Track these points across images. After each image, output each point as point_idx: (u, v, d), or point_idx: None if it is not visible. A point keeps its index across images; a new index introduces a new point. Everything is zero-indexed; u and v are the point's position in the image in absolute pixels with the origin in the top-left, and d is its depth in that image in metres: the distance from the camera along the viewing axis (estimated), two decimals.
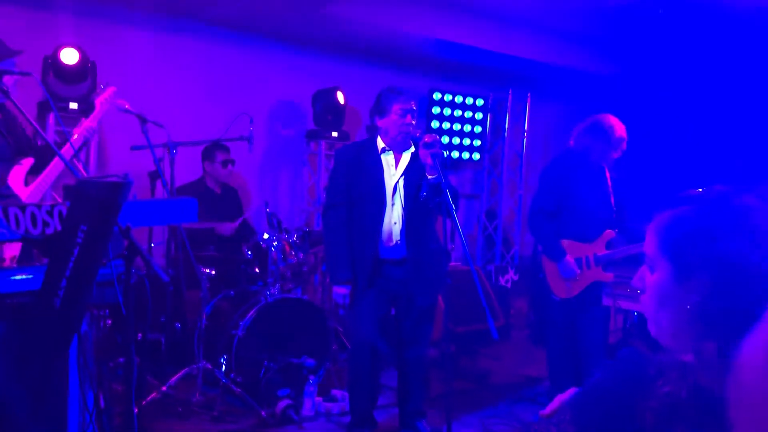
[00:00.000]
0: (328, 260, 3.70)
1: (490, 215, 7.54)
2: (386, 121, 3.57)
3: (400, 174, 3.60)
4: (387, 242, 3.59)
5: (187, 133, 4.96)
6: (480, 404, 4.49)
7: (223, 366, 4.15)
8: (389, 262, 3.62)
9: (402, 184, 3.59)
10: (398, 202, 3.58)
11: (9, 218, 1.99)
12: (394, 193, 3.59)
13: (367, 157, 3.61)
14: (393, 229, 3.58)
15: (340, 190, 3.62)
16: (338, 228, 3.60)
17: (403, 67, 6.82)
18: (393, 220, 3.58)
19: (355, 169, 3.60)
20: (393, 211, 3.58)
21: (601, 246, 4.25)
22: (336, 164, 3.71)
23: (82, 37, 4.94)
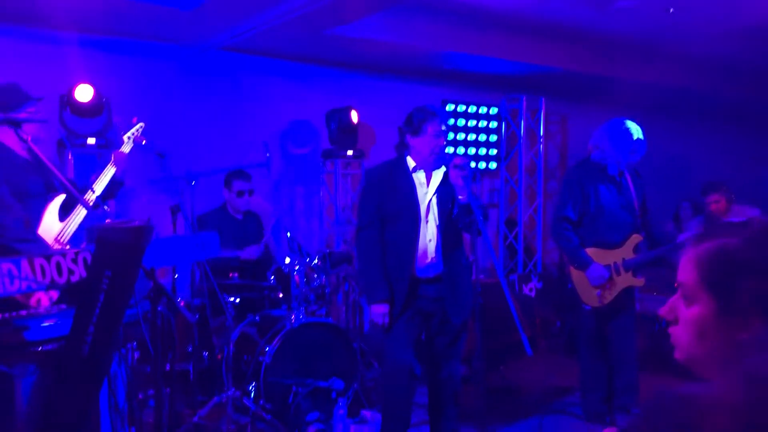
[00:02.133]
0: (364, 281, 3.70)
1: (510, 224, 7.49)
2: (419, 141, 3.59)
3: (433, 192, 3.63)
4: (422, 260, 3.60)
5: (207, 161, 5.00)
6: (511, 418, 4.44)
7: (252, 393, 4.15)
8: (424, 281, 3.63)
9: (435, 201, 3.62)
10: (432, 219, 3.61)
11: (35, 269, 2.01)
12: (428, 211, 3.61)
13: (398, 176, 3.64)
14: (428, 246, 3.60)
15: (372, 211, 3.64)
16: (372, 248, 3.61)
17: (415, 80, 6.83)
18: (428, 237, 3.61)
19: (386, 188, 3.62)
20: (428, 228, 3.61)
21: (629, 251, 4.22)
22: (366, 185, 3.73)
23: (96, 72, 5.00)
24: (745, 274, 1.02)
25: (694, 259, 1.09)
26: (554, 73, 6.84)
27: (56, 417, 2.16)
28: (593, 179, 4.23)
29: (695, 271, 1.08)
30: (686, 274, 1.10)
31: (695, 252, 1.09)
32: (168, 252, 2.43)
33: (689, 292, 1.09)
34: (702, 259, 1.08)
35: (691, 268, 1.09)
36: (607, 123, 4.28)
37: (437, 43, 5.87)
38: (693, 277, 1.08)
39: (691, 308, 1.09)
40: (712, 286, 1.06)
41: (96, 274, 2.03)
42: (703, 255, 1.08)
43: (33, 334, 2.22)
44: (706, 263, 1.07)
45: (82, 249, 2.15)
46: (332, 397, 4.21)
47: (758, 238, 1.05)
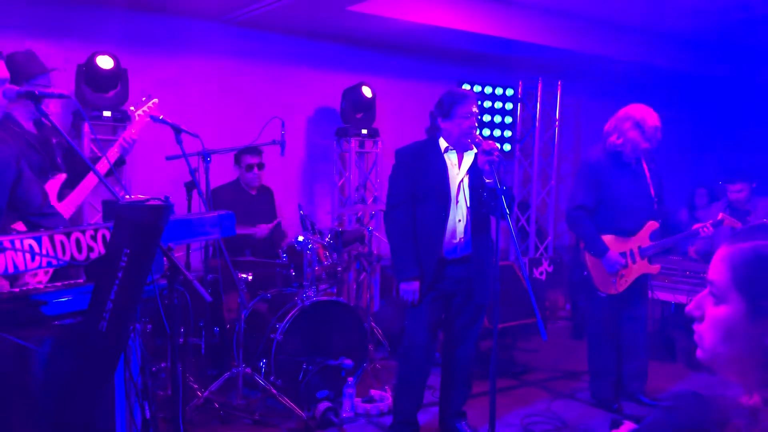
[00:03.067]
0: (395, 258, 3.70)
1: (522, 206, 7.47)
2: (450, 124, 3.62)
3: (465, 173, 3.65)
4: (451, 240, 3.63)
5: (222, 140, 4.99)
6: (519, 402, 4.47)
7: (262, 369, 4.19)
8: (451, 262, 3.66)
9: (466, 183, 3.64)
10: (462, 200, 3.64)
11: (55, 246, 2.02)
12: (459, 192, 3.63)
13: (430, 157, 3.66)
14: (457, 227, 3.64)
15: (402, 190, 3.65)
16: (403, 226, 3.63)
17: (432, 60, 6.77)
18: (458, 217, 3.64)
19: (418, 168, 3.64)
20: (458, 209, 3.63)
21: (645, 238, 4.20)
22: (397, 164, 3.74)
23: (110, 44, 4.99)
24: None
25: (727, 259, 1.08)
26: (571, 56, 6.76)
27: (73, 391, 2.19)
28: (609, 166, 4.20)
29: (728, 271, 1.07)
30: (718, 273, 1.09)
31: (729, 251, 1.08)
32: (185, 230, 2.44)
33: (719, 292, 1.08)
34: (736, 260, 1.07)
35: (723, 267, 1.08)
36: (625, 108, 4.24)
37: (456, 23, 5.80)
38: (725, 276, 1.07)
39: (719, 307, 1.08)
40: (743, 288, 1.05)
41: (115, 252, 2.04)
42: (737, 255, 1.07)
43: (51, 309, 2.23)
44: (740, 264, 1.06)
45: (102, 226, 2.16)
46: (342, 376, 4.25)
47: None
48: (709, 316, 1.11)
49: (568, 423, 4.16)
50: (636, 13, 6.22)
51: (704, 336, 1.12)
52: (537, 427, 4.09)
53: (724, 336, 1.07)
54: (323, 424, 3.93)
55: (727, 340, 1.06)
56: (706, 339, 1.12)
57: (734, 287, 1.06)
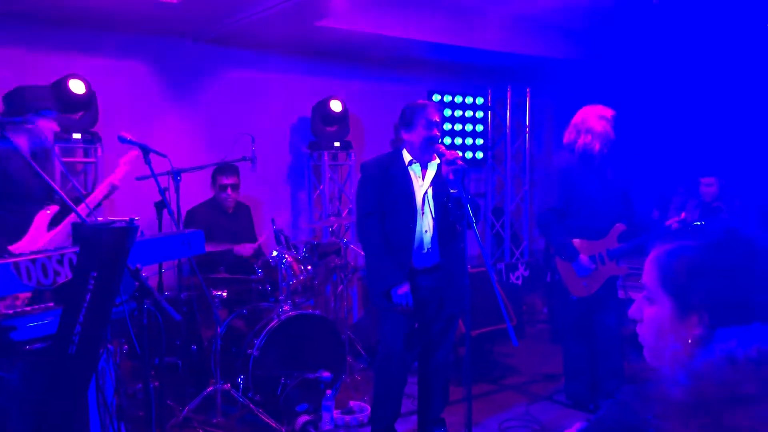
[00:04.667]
0: (374, 270, 3.71)
1: (497, 212, 7.55)
2: (412, 135, 3.67)
3: (428, 184, 3.70)
4: (419, 250, 3.69)
5: (195, 158, 5.00)
6: (497, 406, 4.52)
7: (240, 386, 4.20)
8: (421, 272, 3.70)
9: (431, 194, 3.69)
10: (428, 211, 3.68)
11: (20, 271, 2.04)
12: (424, 203, 3.68)
13: (394, 170, 3.71)
14: (424, 238, 3.68)
15: (372, 200, 3.69)
16: (376, 235, 3.66)
17: (401, 71, 6.84)
18: (424, 228, 3.68)
19: (383, 182, 3.69)
20: (424, 220, 3.68)
21: (612, 240, 4.28)
22: (363, 178, 3.79)
23: (82, 66, 4.99)
24: (701, 277, 1.07)
25: (655, 261, 1.14)
26: (539, 62, 6.87)
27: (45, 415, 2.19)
28: (576, 169, 4.28)
29: (656, 273, 1.13)
30: (648, 275, 1.15)
31: (657, 254, 1.14)
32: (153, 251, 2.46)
33: (650, 293, 1.14)
34: (662, 261, 1.13)
35: (652, 269, 1.14)
36: (580, 110, 4.33)
37: (424, 34, 5.88)
38: (654, 278, 1.13)
39: (652, 308, 1.14)
40: (669, 288, 1.11)
41: (81, 275, 2.06)
42: (663, 257, 1.13)
43: (20, 334, 2.25)
44: (665, 265, 1.12)
45: (68, 250, 2.17)
46: (320, 388, 4.27)
47: (715, 241, 1.09)
48: (645, 317, 1.16)
49: (545, 425, 4.21)
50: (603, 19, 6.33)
51: (644, 336, 1.18)
52: (515, 430, 4.14)
53: (657, 334, 1.13)
54: None
55: (660, 338, 1.12)
56: (646, 339, 1.17)
57: (662, 288, 1.12)
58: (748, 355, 0.86)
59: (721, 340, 0.91)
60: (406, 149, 3.73)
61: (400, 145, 3.77)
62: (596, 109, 4.27)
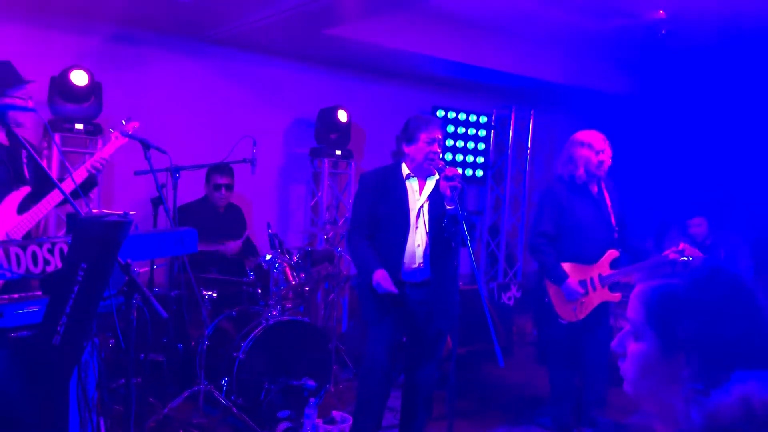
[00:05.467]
0: (360, 267, 3.72)
1: (493, 231, 7.55)
2: (413, 149, 3.66)
3: (425, 199, 3.70)
4: (410, 264, 3.66)
5: (193, 155, 5.01)
6: (480, 426, 4.50)
7: (224, 388, 4.17)
8: (410, 285, 3.68)
9: (426, 208, 3.68)
10: (422, 225, 3.67)
11: (10, 257, 2.03)
12: (418, 217, 3.68)
13: (392, 182, 3.71)
14: (416, 252, 3.67)
15: (364, 214, 3.70)
16: (362, 243, 3.67)
17: (408, 85, 6.86)
18: (416, 242, 3.67)
19: (379, 193, 3.69)
20: (417, 234, 3.67)
21: (605, 266, 4.27)
22: (360, 189, 3.80)
23: (86, 57, 5.00)
24: (688, 316, 1.06)
25: (641, 297, 1.13)
26: (545, 85, 6.90)
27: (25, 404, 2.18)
28: (569, 194, 4.28)
29: (642, 310, 1.12)
30: (634, 311, 1.14)
31: (642, 290, 1.13)
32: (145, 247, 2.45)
33: (636, 329, 1.13)
34: (648, 298, 1.12)
35: (637, 305, 1.13)
36: (572, 136, 4.34)
37: (432, 50, 5.91)
38: (639, 314, 1.12)
39: (637, 344, 1.13)
40: (655, 325, 1.10)
41: (71, 266, 2.05)
42: (648, 294, 1.12)
43: (6, 321, 2.23)
44: (652, 302, 1.11)
45: (59, 240, 2.17)
46: (304, 396, 4.24)
47: (701, 280, 1.09)
48: (630, 352, 1.15)
49: None
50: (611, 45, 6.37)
51: (627, 372, 1.17)
52: None
53: (642, 371, 1.12)
54: None
55: (645, 376, 1.11)
56: (629, 374, 1.16)
57: (648, 325, 1.11)
58: (764, 399, 0.86)
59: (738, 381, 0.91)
60: (406, 162, 3.73)
61: (401, 158, 3.78)
62: (588, 135, 4.26)
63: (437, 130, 3.65)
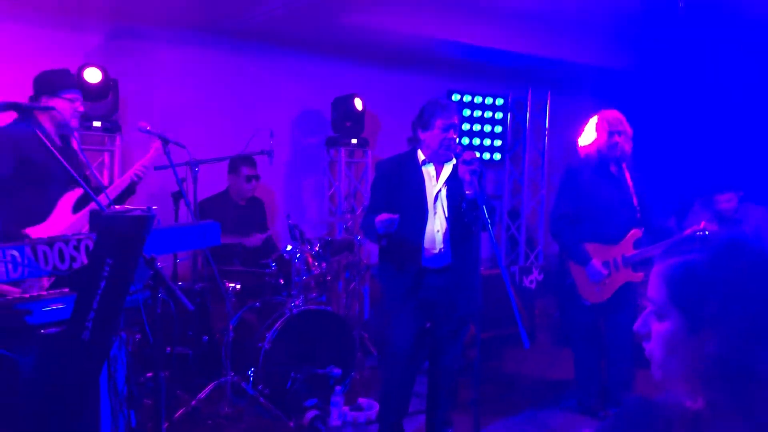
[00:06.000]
0: (367, 233, 3.71)
1: (513, 215, 7.51)
2: (429, 135, 3.65)
3: (442, 184, 3.68)
4: (430, 250, 3.66)
5: (210, 148, 5.02)
6: (506, 411, 4.49)
7: (250, 378, 4.21)
8: (431, 271, 3.68)
9: (444, 193, 3.67)
10: (440, 210, 3.66)
11: (38, 255, 2.05)
12: (436, 202, 3.66)
13: (408, 169, 3.70)
14: (436, 237, 3.66)
15: (380, 201, 3.70)
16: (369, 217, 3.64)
17: (421, 70, 6.82)
18: (436, 228, 3.66)
19: (395, 180, 3.69)
20: (435, 219, 3.66)
21: (628, 246, 4.24)
22: (377, 177, 3.81)
23: (102, 55, 5.02)
24: (712, 291, 1.05)
25: (662, 276, 1.11)
26: (561, 65, 6.82)
27: (57, 400, 2.21)
28: (590, 175, 4.25)
29: (664, 288, 1.10)
30: (656, 291, 1.12)
31: (663, 269, 1.11)
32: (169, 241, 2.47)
33: (659, 309, 1.11)
34: (669, 276, 1.10)
35: (659, 284, 1.11)
36: (594, 116, 4.31)
37: (445, 33, 5.86)
38: (662, 293, 1.10)
39: (662, 324, 1.11)
40: (679, 303, 1.08)
41: (97, 262, 2.07)
42: (669, 272, 1.10)
43: (35, 318, 2.26)
44: (673, 280, 1.09)
45: (84, 236, 2.19)
46: (330, 384, 4.27)
47: (722, 254, 1.07)
48: (654, 333, 1.13)
49: (554, 431, 4.18)
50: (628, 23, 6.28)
51: (653, 353, 1.15)
52: None
53: (669, 351, 1.10)
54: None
55: (673, 355, 1.09)
56: (655, 356, 1.15)
57: (672, 303, 1.09)
58: None
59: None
60: (422, 149, 3.72)
61: (417, 144, 3.76)
62: (607, 116, 4.22)
63: (453, 115, 3.63)
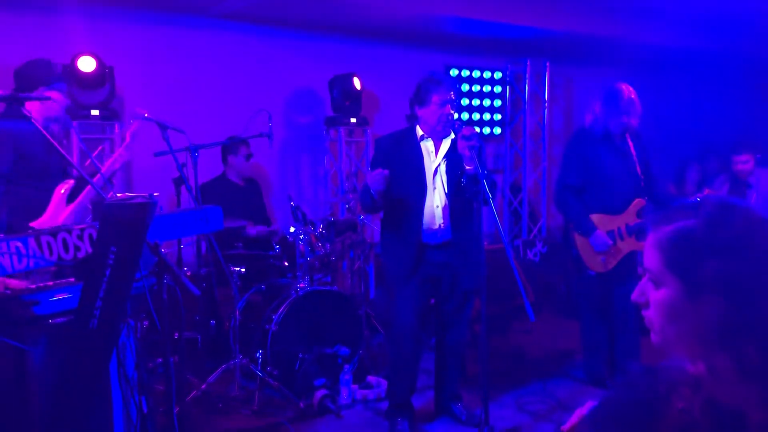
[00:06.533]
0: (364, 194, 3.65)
1: (515, 189, 7.50)
2: (426, 111, 3.64)
3: (441, 159, 3.68)
4: (430, 226, 3.66)
5: (209, 130, 5.01)
6: (514, 383, 4.52)
7: (259, 360, 4.23)
8: (432, 247, 3.69)
9: (443, 169, 3.67)
10: (440, 186, 3.66)
11: (42, 246, 2.05)
12: (435, 177, 3.66)
13: (406, 145, 3.70)
14: (436, 213, 3.66)
15: None
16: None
17: (418, 46, 6.76)
18: (435, 203, 3.66)
19: (394, 157, 3.68)
20: (435, 194, 3.67)
21: (632, 215, 4.24)
22: (375, 153, 3.82)
23: (98, 42, 4.98)
24: (708, 255, 1.05)
25: (656, 244, 1.11)
26: (559, 36, 6.76)
27: (67, 389, 2.23)
28: (594, 146, 4.25)
29: (659, 256, 1.10)
30: (650, 259, 1.12)
31: (656, 237, 1.11)
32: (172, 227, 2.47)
33: (656, 277, 1.11)
34: (663, 243, 1.10)
35: (654, 252, 1.11)
36: (601, 89, 4.29)
37: (441, 8, 5.81)
38: (657, 261, 1.10)
39: (659, 291, 1.11)
40: (675, 269, 1.08)
41: (102, 251, 2.07)
42: (664, 239, 1.10)
43: (43, 308, 2.27)
44: (668, 247, 1.09)
45: (88, 226, 2.19)
46: (338, 363, 4.30)
47: (716, 217, 1.06)
48: (652, 301, 1.13)
49: (562, 401, 4.22)
50: None
51: (653, 321, 1.15)
52: (532, 406, 4.15)
53: (669, 318, 1.10)
54: (321, 412, 3.98)
55: (672, 322, 1.09)
56: (655, 324, 1.15)
57: (668, 270, 1.09)
58: None
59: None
60: (420, 125, 3.70)
61: (415, 121, 3.75)
62: (614, 90, 4.20)
63: (449, 90, 3.61)
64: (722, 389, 1.00)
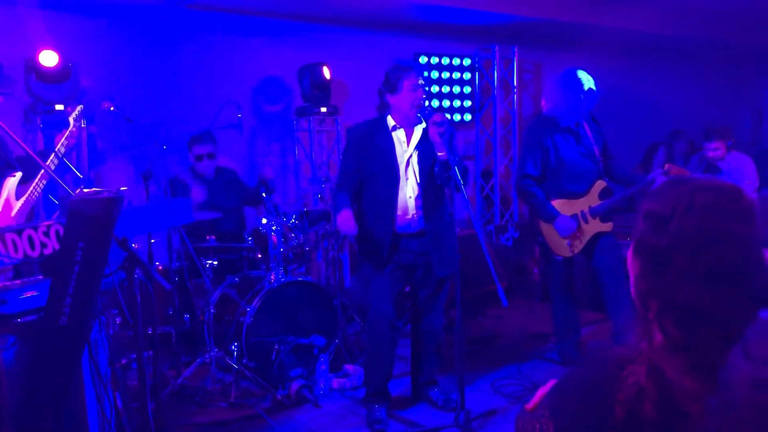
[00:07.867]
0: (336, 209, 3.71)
1: (486, 175, 7.54)
2: (398, 98, 3.63)
3: (413, 149, 3.68)
4: (403, 216, 3.67)
5: (179, 125, 4.94)
6: (489, 366, 4.57)
7: (234, 353, 4.22)
8: (406, 236, 3.70)
9: (415, 159, 3.67)
10: (412, 176, 3.66)
11: (6, 244, 2.02)
12: (407, 168, 3.66)
13: (378, 135, 3.69)
14: (408, 203, 3.67)
15: (350, 170, 3.71)
16: (340, 195, 3.69)
17: (387, 33, 6.74)
18: (408, 194, 3.67)
19: (366, 147, 3.68)
20: (407, 185, 3.67)
21: (594, 198, 4.29)
22: (347, 144, 3.80)
23: (60, 34, 4.88)
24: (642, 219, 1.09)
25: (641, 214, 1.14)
26: (527, 21, 6.80)
27: (39, 387, 2.20)
28: (550, 132, 4.28)
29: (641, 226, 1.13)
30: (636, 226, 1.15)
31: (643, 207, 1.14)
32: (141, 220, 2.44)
33: (635, 245, 1.14)
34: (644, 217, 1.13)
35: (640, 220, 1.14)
36: (557, 76, 4.32)
37: None
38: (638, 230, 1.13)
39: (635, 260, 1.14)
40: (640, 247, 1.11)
41: (69, 247, 2.05)
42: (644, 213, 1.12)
43: (11, 307, 2.24)
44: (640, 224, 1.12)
45: (54, 222, 2.16)
46: (314, 353, 4.30)
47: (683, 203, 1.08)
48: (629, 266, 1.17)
49: (537, 383, 4.27)
50: None
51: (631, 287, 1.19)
52: (507, 389, 4.20)
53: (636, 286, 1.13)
54: (298, 402, 3.99)
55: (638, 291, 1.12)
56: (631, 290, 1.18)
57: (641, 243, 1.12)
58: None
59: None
60: (391, 114, 3.70)
61: (386, 111, 3.74)
62: (572, 76, 4.23)
63: (419, 75, 3.62)
64: (661, 358, 1.03)
